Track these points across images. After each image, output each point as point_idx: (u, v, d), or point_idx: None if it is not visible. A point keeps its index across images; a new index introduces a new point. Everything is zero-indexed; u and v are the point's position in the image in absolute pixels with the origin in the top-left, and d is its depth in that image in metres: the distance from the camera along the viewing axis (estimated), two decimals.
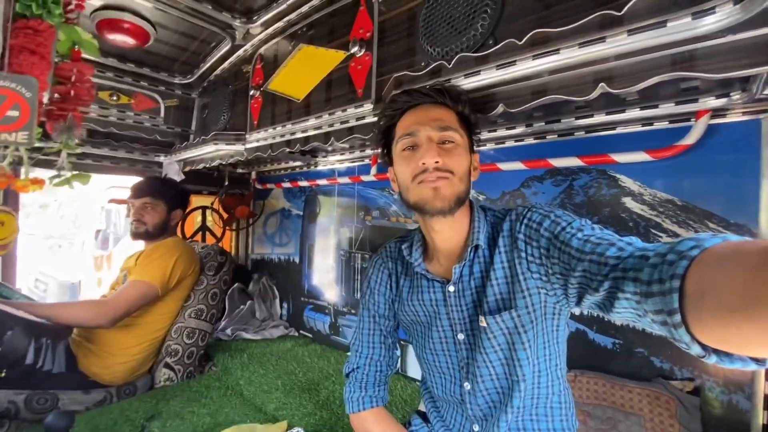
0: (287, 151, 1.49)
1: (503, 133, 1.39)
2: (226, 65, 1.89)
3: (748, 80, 0.89)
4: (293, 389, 1.55)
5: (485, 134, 1.42)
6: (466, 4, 0.95)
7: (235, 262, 2.56)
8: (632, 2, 0.65)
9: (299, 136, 1.43)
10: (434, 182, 0.75)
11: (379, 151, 0.93)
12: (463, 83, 0.90)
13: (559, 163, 1.28)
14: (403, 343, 1.70)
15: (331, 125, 1.31)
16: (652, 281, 0.45)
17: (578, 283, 0.60)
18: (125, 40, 1.55)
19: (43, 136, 0.88)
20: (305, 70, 1.43)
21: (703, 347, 0.41)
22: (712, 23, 0.59)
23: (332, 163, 2.13)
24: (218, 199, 2.47)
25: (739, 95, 0.94)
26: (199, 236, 2.49)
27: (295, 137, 1.45)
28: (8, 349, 1.26)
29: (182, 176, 2.12)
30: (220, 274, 1.90)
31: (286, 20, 1.51)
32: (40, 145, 0.85)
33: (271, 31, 1.59)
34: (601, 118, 1.18)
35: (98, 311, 1.45)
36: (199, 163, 1.99)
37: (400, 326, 1.00)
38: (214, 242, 2.42)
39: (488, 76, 0.86)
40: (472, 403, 0.84)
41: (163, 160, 2.19)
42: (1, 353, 1.24)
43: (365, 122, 1.20)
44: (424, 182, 0.76)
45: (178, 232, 1.99)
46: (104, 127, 1.88)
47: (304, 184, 2.28)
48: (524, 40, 0.78)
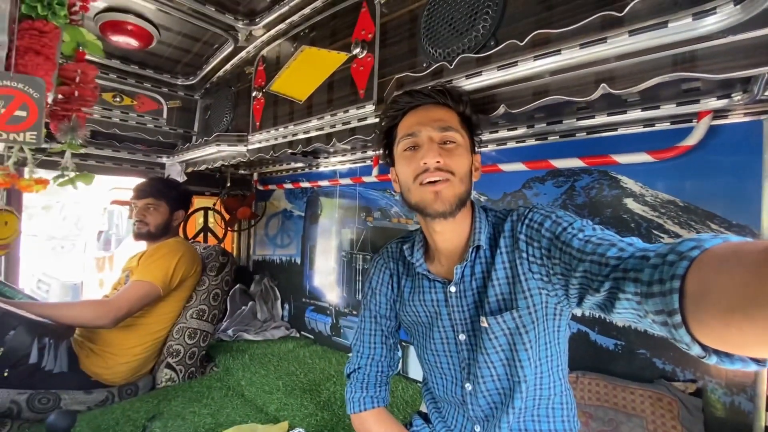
0: (289, 152, 1.49)
1: (505, 134, 1.39)
2: (228, 67, 1.90)
3: (749, 81, 0.89)
4: (294, 390, 1.55)
5: (487, 135, 1.43)
6: (467, 5, 0.95)
7: (236, 263, 2.57)
8: (633, 3, 0.65)
9: (301, 137, 1.43)
10: (435, 185, 0.76)
11: (380, 152, 0.94)
12: (464, 84, 0.91)
13: (560, 164, 1.28)
14: (404, 344, 1.70)
15: (332, 126, 1.31)
16: (652, 282, 0.45)
17: (579, 283, 0.60)
18: (129, 42, 1.57)
19: (47, 136, 0.89)
20: (307, 71, 1.44)
21: (703, 348, 0.41)
22: (712, 24, 0.59)
23: (334, 164, 2.14)
24: (220, 200, 2.48)
25: (740, 96, 0.94)
26: (201, 237, 2.49)
27: (297, 138, 1.45)
28: (11, 348, 1.27)
29: (184, 177, 2.12)
30: (221, 274, 1.91)
31: (288, 22, 1.51)
32: (44, 146, 0.86)
33: (273, 32, 1.59)
34: (602, 119, 1.18)
35: (100, 311, 1.46)
36: (201, 164, 1.99)
37: (401, 327, 1.00)
38: (215, 243, 2.43)
39: (489, 76, 0.86)
40: (473, 404, 0.84)
41: (165, 161, 2.21)
42: (4, 352, 1.25)
43: (367, 123, 1.20)
44: (425, 184, 0.76)
45: (180, 232, 1.99)
46: (107, 128, 1.89)
47: (305, 185, 2.29)
48: (525, 41, 0.79)
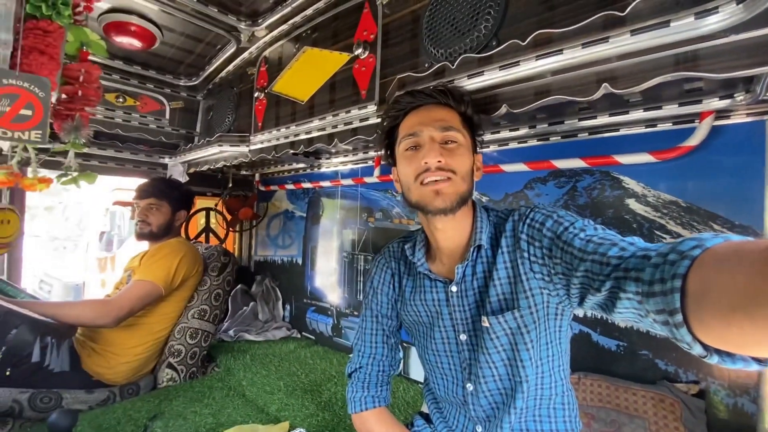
0: (291, 152, 1.50)
1: (506, 134, 1.39)
2: (230, 68, 1.91)
3: (751, 81, 0.89)
4: (295, 390, 1.55)
5: (488, 136, 1.43)
6: (469, 6, 0.96)
7: (238, 263, 2.57)
8: (635, 2, 0.65)
9: (303, 137, 1.44)
10: (436, 183, 0.76)
11: (382, 152, 0.94)
12: (466, 84, 0.91)
13: (562, 164, 1.28)
14: (405, 344, 1.70)
15: (334, 126, 1.31)
16: (653, 281, 0.44)
17: (580, 283, 0.60)
18: (132, 42, 1.57)
19: (50, 135, 0.89)
20: (309, 72, 1.45)
21: (704, 347, 0.40)
22: (715, 23, 0.59)
23: (335, 164, 2.14)
24: (222, 200, 2.49)
25: (743, 96, 0.94)
26: (202, 237, 2.50)
27: (298, 138, 1.45)
28: (13, 346, 1.27)
29: (187, 178, 2.13)
30: (223, 274, 1.91)
31: (290, 23, 1.52)
32: (47, 146, 0.86)
33: (276, 33, 1.60)
34: (604, 119, 1.18)
35: (102, 310, 1.46)
36: (203, 164, 2.00)
37: (402, 327, 1.00)
38: (217, 243, 2.43)
39: (491, 76, 0.86)
40: (474, 404, 0.83)
41: (168, 161, 2.21)
42: (6, 351, 1.25)
43: (369, 123, 1.21)
44: (426, 182, 0.77)
45: (182, 233, 2.00)
46: (110, 128, 1.90)
47: (307, 185, 2.29)
48: (527, 40, 0.79)
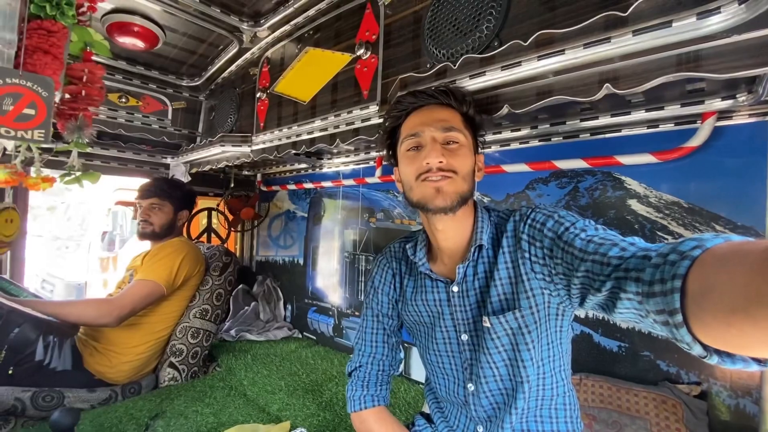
0: (293, 152, 1.50)
1: (508, 135, 1.39)
2: (233, 68, 1.91)
3: (754, 81, 0.88)
4: (296, 390, 1.55)
5: (490, 136, 1.43)
6: (471, 6, 0.96)
7: (239, 263, 2.57)
8: (637, 3, 0.65)
9: (305, 137, 1.44)
10: (437, 182, 0.76)
11: (384, 152, 0.94)
12: (468, 84, 0.91)
13: (564, 165, 1.28)
14: (407, 345, 1.70)
15: (336, 127, 1.32)
16: (654, 281, 0.44)
17: (581, 283, 0.60)
18: (135, 43, 1.58)
19: (53, 135, 0.90)
20: (311, 72, 1.45)
21: (704, 347, 0.40)
22: (717, 23, 0.59)
23: (337, 165, 2.14)
24: (224, 200, 2.49)
25: (745, 97, 0.94)
26: (204, 237, 2.51)
27: (300, 139, 1.46)
28: (16, 345, 1.28)
29: (189, 178, 2.14)
30: (225, 274, 1.92)
31: (293, 23, 1.52)
32: (50, 145, 0.87)
33: (278, 34, 1.61)
34: (606, 120, 1.18)
35: (104, 309, 1.46)
36: (205, 164, 2.01)
37: (404, 327, 1.00)
38: (219, 243, 2.44)
39: (493, 77, 0.86)
40: (475, 404, 0.83)
41: (170, 161, 2.22)
42: (9, 349, 1.26)
43: (370, 124, 1.21)
44: (427, 181, 0.77)
45: (183, 232, 2.00)
46: (112, 128, 1.91)
47: (308, 186, 2.29)
48: (529, 41, 0.79)
